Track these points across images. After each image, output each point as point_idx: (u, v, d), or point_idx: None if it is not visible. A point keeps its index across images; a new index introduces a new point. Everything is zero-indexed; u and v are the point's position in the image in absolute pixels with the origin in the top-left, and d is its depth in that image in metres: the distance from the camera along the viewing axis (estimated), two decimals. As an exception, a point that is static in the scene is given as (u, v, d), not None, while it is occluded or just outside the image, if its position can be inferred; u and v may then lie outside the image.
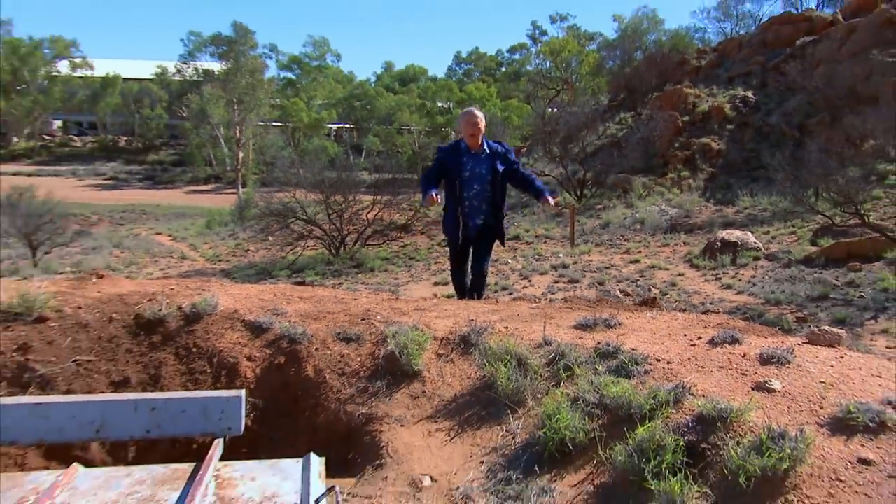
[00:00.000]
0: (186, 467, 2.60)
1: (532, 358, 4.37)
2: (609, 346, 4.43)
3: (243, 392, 3.17)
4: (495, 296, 11.76)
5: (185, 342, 4.77)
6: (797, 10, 38.39)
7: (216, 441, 2.87)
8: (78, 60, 74.35)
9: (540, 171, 27.92)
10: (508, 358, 4.31)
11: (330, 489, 2.42)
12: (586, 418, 3.77)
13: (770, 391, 3.85)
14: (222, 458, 2.78)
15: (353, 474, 3.90)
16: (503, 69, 76.71)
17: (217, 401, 3.08)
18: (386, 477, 3.71)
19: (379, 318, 4.98)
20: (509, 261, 15.79)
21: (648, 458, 3.37)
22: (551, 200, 6.72)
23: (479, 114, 6.52)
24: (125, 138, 76.51)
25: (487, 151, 6.54)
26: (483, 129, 6.46)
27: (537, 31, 69.18)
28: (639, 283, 12.41)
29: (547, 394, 4.10)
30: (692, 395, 3.82)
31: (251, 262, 21.18)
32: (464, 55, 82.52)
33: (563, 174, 25.10)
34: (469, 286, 6.92)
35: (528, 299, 5.98)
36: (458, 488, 3.58)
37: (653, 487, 3.25)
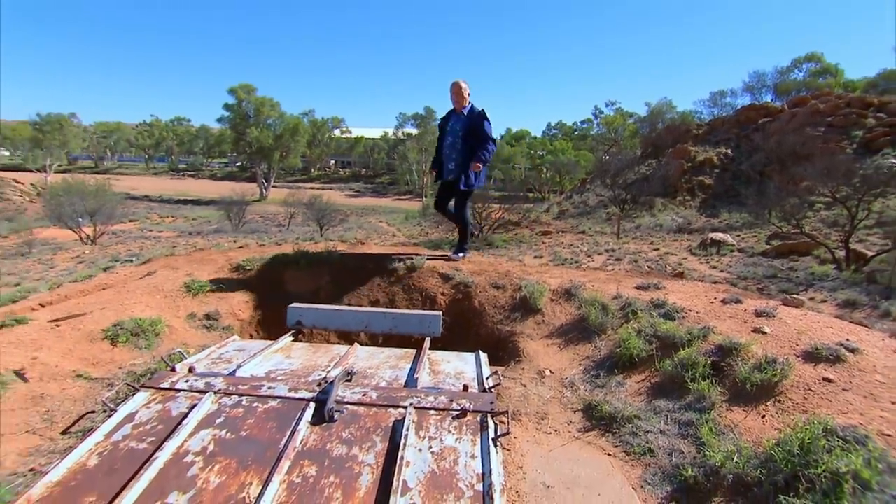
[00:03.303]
0: (412, 352, 2.64)
1: (610, 304, 4.06)
2: (659, 300, 4.07)
3: (440, 313, 3.14)
4: (574, 265, 11.32)
5: (408, 283, 4.75)
6: (759, 101, 35.01)
7: (426, 339, 2.86)
8: (343, 128, 77.83)
9: (597, 193, 26.79)
10: (596, 303, 4.04)
11: (494, 372, 2.34)
12: (646, 343, 3.48)
13: (763, 333, 3.43)
14: (429, 349, 2.78)
15: (502, 365, 3.76)
16: (576, 132, 74.91)
17: (427, 316, 3.09)
18: (523, 368, 3.56)
19: (515, 275, 4.78)
20: (579, 245, 15.17)
21: (687, 369, 3.09)
22: (476, 165, 4.79)
23: (459, 83, 4.86)
24: (364, 169, 79.28)
25: (465, 114, 4.90)
26: (461, 94, 4.86)
27: (597, 111, 67.58)
28: (658, 262, 11.56)
29: (620, 327, 3.80)
30: (714, 333, 3.45)
31: (430, 239, 21.38)
32: (553, 123, 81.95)
33: (612, 195, 24.11)
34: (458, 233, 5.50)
35: (602, 269, 5.58)
36: (566, 378, 3.38)
37: (690, 387, 2.99)
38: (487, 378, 2.27)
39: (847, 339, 3.29)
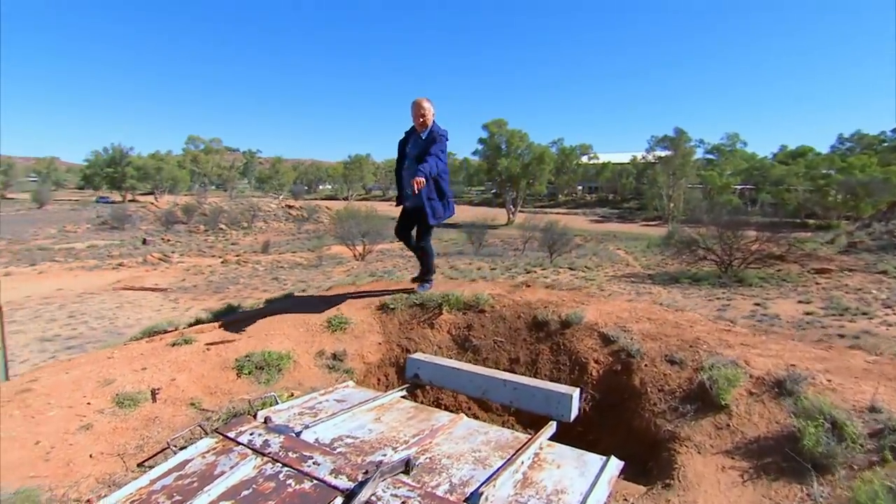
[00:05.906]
0: (523, 438, 1.91)
1: (851, 423, 2.31)
2: (961, 434, 2.13)
3: (576, 391, 2.31)
4: (850, 323, 8.08)
5: (557, 340, 3.79)
6: None
7: (550, 423, 2.09)
8: (591, 154, 76.72)
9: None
10: (823, 416, 2.37)
11: None
12: (911, 521, 1.81)
13: None
14: (557, 438, 1.98)
15: (646, 482, 2.55)
16: (884, 143, 57.41)
17: (556, 393, 2.33)
18: (669, 500, 2.30)
19: (705, 347, 3.35)
20: (873, 290, 10.94)
21: None
22: (417, 180, 3.80)
23: (421, 102, 4.23)
24: (612, 195, 76.24)
25: (424, 137, 4.25)
26: (422, 115, 4.21)
27: (921, 115, 50.94)
28: None
29: (864, 470, 2.12)
30: None
31: (667, 271, 18.61)
32: (846, 135, 64.30)
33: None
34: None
35: (866, 349, 3.56)
36: (735, 542, 2.03)
37: None
38: None
39: None
